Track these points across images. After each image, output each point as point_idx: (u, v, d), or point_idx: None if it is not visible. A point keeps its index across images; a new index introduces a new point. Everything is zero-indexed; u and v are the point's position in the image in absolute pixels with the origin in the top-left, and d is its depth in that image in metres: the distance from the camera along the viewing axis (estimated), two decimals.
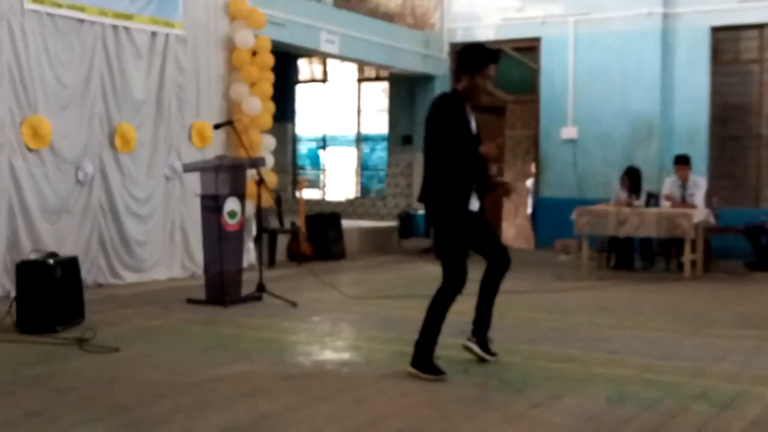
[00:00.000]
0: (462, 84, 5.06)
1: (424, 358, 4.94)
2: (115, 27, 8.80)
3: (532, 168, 14.83)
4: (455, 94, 5.09)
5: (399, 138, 15.29)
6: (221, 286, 7.66)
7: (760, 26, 12.53)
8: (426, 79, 14.37)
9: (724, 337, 6.35)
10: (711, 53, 12.75)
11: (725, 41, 12.83)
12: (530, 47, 13.95)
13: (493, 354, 5.38)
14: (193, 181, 8.66)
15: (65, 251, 7.55)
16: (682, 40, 12.80)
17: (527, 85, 14.10)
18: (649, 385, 4.80)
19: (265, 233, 10.37)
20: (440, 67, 14.35)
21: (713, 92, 12.78)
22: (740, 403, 4.44)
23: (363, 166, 16.41)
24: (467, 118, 5.06)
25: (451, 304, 4.99)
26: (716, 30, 12.71)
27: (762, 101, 12.63)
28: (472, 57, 5.04)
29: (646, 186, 11.36)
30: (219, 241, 7.67)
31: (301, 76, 17.00)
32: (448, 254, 4.98)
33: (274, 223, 11.38)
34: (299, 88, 16.95)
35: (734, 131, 12.80)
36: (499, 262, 5.27)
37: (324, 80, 16.74)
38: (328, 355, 5.66)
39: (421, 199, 5.15)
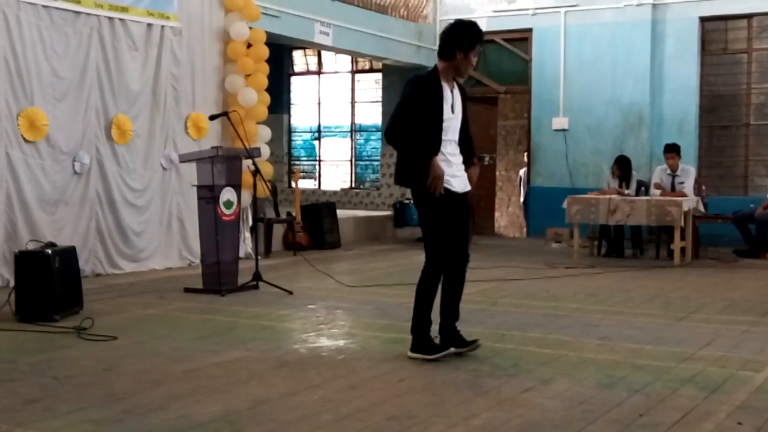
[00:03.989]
0: (455, 60, 5.00)
1: (422, 341, 5.01)
2: (110, 19, 8.84)
3: (525, 158, 14.91)
4: (433, 73, 5.03)
5: None
6: (218, 276, 7.74)
7: (748, 16, 12.61)
8: (419, 71, 14.35)
9: (713, 322, 6.42)
10: (700, 43, 12.83)
11: (714, 31, 12.91)
12: (521, 38, 14.01)
13: (472, 343, 5.16)
14: (190, 171, 8.73)
15: (63, 241, 7.60)
16: (671, 31, 12.88)
17: (519, 76, 14.17)
18: (638, 369, 4.87)
19: (261, 223, 10.43)
20: (433, 59, 14.25)
21: (702, 82, 12.87)
22: (728, 387, 4.50)
23: (357, 157, 16.46)
24: (441, 95, 4.96)
25: (437, 283, 5.02)
26: (705, 20, 12.79)
27: (750, 91, 12.72)
28: (469, 34, 5.01)
29: (637, 175, 11.47)
30: (215, 230, 7.74)
31: (296, 68, 17.04)
32: (427, 234, 5.02)
33: (269, 213, 11.43)
34: (294, 80, 17.00)
35: (723, 120, 12.90)
36: (457, 262, 5.08)
37: (318, 72, 16.78)
38: (324, 342, 5.70)
39: (396, 181, 5.12)
